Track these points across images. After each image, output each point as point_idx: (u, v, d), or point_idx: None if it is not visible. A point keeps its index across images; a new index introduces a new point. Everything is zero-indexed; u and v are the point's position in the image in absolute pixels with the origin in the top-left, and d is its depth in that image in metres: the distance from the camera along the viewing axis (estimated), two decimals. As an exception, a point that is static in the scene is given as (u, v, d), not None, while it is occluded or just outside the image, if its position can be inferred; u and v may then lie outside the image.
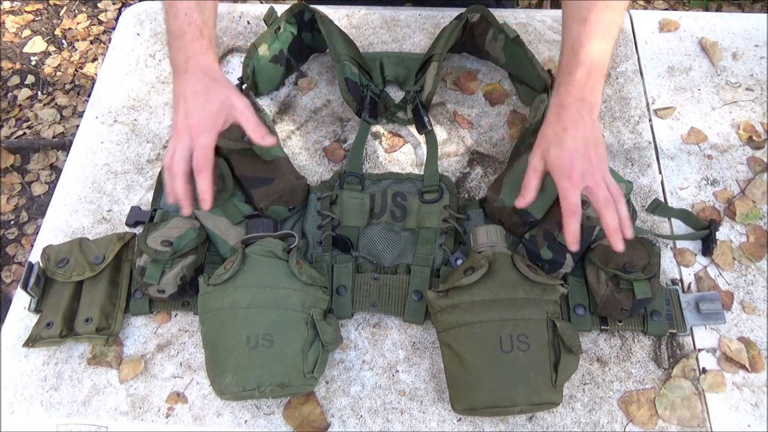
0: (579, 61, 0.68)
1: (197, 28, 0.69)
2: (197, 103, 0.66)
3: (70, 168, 0.92)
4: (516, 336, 0.65)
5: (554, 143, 0.67)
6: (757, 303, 0.77)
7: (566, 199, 0.65)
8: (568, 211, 0.65)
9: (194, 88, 0.67)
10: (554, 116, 0.69)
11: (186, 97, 0.67)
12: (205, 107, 0.66)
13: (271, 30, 0.91)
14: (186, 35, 0.68)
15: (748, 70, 0.97)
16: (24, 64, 2.14)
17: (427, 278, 0.78)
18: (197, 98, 0.66)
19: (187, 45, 0.68)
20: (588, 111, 0.68)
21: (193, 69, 0.68)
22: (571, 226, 0.65)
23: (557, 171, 0.66)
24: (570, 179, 0.65)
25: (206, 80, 0.67)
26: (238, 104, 0.69)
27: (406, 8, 1.08)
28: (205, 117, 0.66)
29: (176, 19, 0.69)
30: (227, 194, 0.81)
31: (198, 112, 0.66)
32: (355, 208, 0.83)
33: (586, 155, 0.65)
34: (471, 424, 0.71)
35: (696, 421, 0.69)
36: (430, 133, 0.90)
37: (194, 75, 0.68)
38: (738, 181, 0.87)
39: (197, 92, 0.67)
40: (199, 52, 0.68)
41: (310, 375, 0.68)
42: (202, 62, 0.68)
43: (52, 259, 0.77)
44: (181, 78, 0.68)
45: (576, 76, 0.68)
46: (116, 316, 0.76)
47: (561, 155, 0.66)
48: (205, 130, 0.66)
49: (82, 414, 0.73)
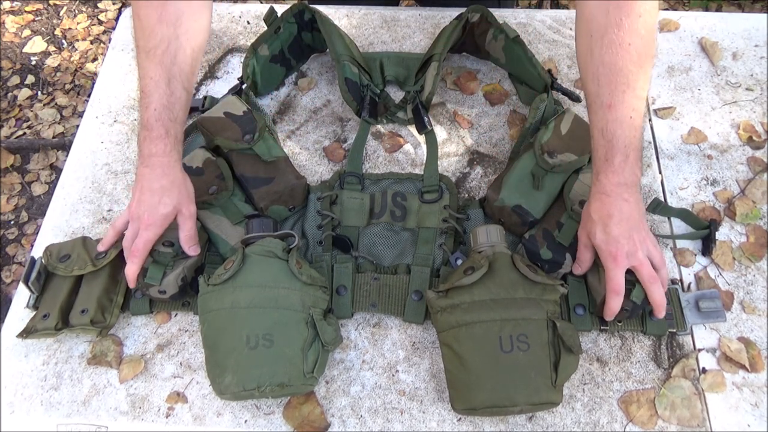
0: (613, 148, 0.68)
1: (164, 126, 0.72)
2: (152, 202, 0.72)
3: (70, 168, 0.92)
4: (516, 336, 0.65)
5: (599, 228, 0.69)
6: (757, 303, 0.77)
7: (612, 280, 0.69)
8: (612, 291, 0.69)
9: (152, 185, 0.72)
10: (598, 202, 0.70)
11: (143, 190, 0.73)
12: (158, 208, 0.72)
13: (271, 30, 0.91)
14: (153, 131, 0.72)
15: (748, 70, 0.97)
16: (24, 64, 2.14)
17: (427, 278, 0.78)
18: (153, 197, 0.72)
19: (153, 141, 0.73)
20: (631, 193, 0.69)
21: (155, 165, 0.73)
22: (613, 304, 0.69)
23: (603, 253, 0.70)
24: (615, 261, 0.68)
25: (164, 181, 0.73)
26: (185, 212, 0.75)
27: (406, 8, 1.08)
28: (155, 216, 0.72)
29: (146, 111, 0.73)
30: (227, 194, 0.81)
31: (150, 209, 0.72)
32: (355, 208, 0.83)
33: (631, 238, 0.68)
34: (471, 424, 0.71)
35: (696, 421, 0.69)
36: (430, 133, 0.90)
37: (155, 172, 0.73)
38: (738, 181, 0.87)
39: (154, 191, 0.72)
40: (161, 153, 0.73)
41: (310, 375, 0.68)
42: (164, 162, 0.73)
43: (54, 255, 0.77)
44: (144, 170, 0.73)
45: (614, 164, 0.69)
46: (112, 311, 0.76)
47: (607, 240, 0.69)
48: (152, 226, 0.72)
49: (82, 414, 0.73)
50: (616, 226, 0.68)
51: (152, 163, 0.73)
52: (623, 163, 0.68)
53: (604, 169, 0.70)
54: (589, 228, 0.71)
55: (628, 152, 0.68)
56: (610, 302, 0.69)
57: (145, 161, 0.73)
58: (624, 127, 0.68)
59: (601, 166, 0.70)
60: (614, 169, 0.69)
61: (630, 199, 0.69)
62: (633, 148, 0.69)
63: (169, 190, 0.73)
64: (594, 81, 0.70)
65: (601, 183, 0.70)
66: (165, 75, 0.73)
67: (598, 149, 0.70)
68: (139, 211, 0.72)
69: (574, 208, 0.76)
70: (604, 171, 0.70)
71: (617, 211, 0.69)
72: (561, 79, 0.97)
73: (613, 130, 0.68)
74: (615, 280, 0.68)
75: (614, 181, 0.69)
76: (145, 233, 0.72)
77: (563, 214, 0.77)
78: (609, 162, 0.69)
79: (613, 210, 0.69)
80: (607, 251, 0.69)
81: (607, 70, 0.68)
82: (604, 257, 0.70)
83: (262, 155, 0.82)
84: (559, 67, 0.99)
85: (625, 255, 0.68)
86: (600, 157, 0.70)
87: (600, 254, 0.70)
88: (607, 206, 0.69)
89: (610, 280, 0.69)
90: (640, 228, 0.70)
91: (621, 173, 0.69)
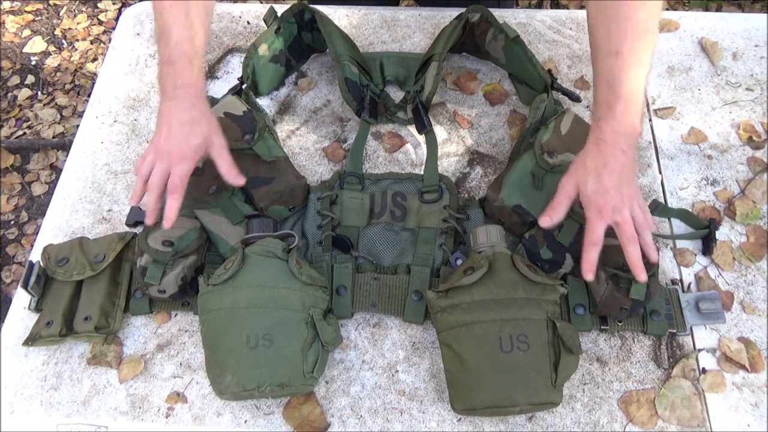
0: (617, 96, 0.68)
1: (187, 58, 0.71)
2: (183, 134, 0.70)
3: (70, 168, 0.92)
4: (516, 336, 0.65)
5: (592, 176, 0.68)
6: (757, 303, 0.77)
7: (592, 232, 0.68)
8: (590, 242, 0.68)
9: (181, 117, 0.70)
10: (594, 149, 0.69)
11: (171, 124, 0.70)
12: (189, 140, 0.70)
13: (271, 30, 0.91)
14: (176, 63, 0.71)
15: (748, 70, 0.97)
16: (24, 64, 2.14)
17: (427, 278, 0.78)
18: (183, 129, 0.70)
19: (177, 73, 0.71)
20: (629, 144, 0.69)
21: (182, 97, 0.71)
22: (591, 255, 0.68)
23: (590, 204, 0.68)
24: (601, 214, 0.67)
25: (194, 112, 0.71)
26: (218, 143, 0.74)
27: (406, 8, 1.08)
28: (187, 148, 0.70)
29: (167, 46, 0.71)
30: (227, 194, 0.81)
31: (181, 142, 0.70)
32: (355, 208, 0.83)
33: (620, 193, 0.67)
34: (471, 424, 0.71)
35: (696, 421, 0.69)
36: (430, 133, 0.90)
37: (183, 104, 0.71)
38: (738, 181, 0.87)
39: (183, 123, 0.70)
40: (188, 83, 0.71)
41: (310, 375, 0.68)
42: (191, 93, 0.71)
43: (53, 258, 0.77)
44: (169, 103, 0.71)
45: (616, 111, 0.68)
46: (115, 315, 0.76)
47: (597, 191, 0.67)
48: (185, 159, 0.70)
49: (82, 414, 0.73)
50: (609, 177, 0.67)
51: (179, 95, 0.71)
52: (625, 112, 0.68)
53: (605, 115, 0.69)
54: (581, 176, 0.70)
55: (630, 102, 0.68)
56: (587, 253, 0.68)
57: (170, 95, 0.71)
58: (630, 77, 0.68)
59: (602, 113, 0.69)
60: (615, 116, 0.68)
61: (627, 151, 0.68)
62: (636, 101, 0.69)
63: (199, 121, 0.71)
64: (604, 28, 0.69)
65: (601, 130, 0.69)
66: (183, 9, 0.72)
67: (600, 98, 0.70)
68: (168, 147, 0.70)
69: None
70: (605, 118, 0.69)
71: (613, 160, 0.68)
72: (561, 79, 0.97)
73: (618, 78, 0.68)
74: (596, 233, 0.67)
75: (615, 128, 0.68)
76: (178, 168, 0.69)
77: (563, 214, 0.77)
78: (611, 109, 0.68)
79: (609, 159, 0.68)
80: (594, 202, 0.68)
81: (619, 19, 0.68)
82: (589, 208, 0.69)
83: (262, 155, 0.82)
84: (559, 67, 0.99)
85: (611, 209, 0.67)
86: (602, 105, 0.69)
87: (585, 204, 0.69)
88: (604, 154, 0.68)
89: (590, 231, 0.68)
90: (631, 184, 0.69)
91: (622, 122, 0.68)
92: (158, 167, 0.70)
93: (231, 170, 0.75)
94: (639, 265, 0.67)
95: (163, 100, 0.72)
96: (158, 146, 0.70)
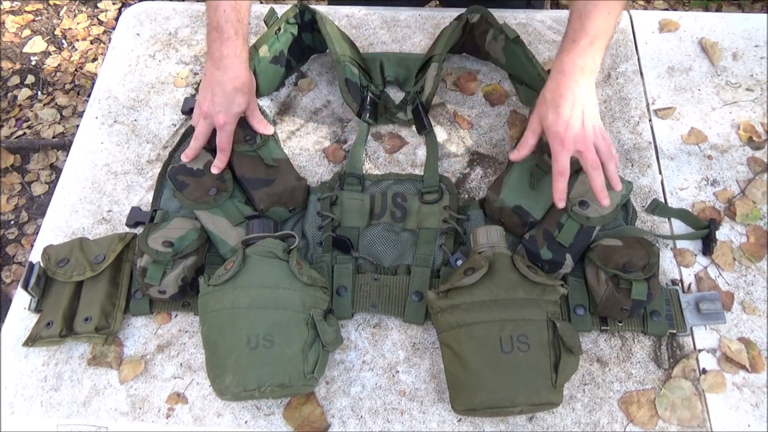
0: (584, 31, 0.72)
1: (233, 27, 0.78)
2: (226, 103, 0.79)
3: (70, 168, 0.92)
4: (516, 336, 0.65)
5: (551, 108, 0.72)
6: (757, 303, 0.77)
7: (557, 162, 0.72)
8: (557, 173, 0.72)
9: (225, 88, 0.79)
10: (554, 82, 0.73)
11: (216, 92, 0.79)
12: (231, 108, 0.80)
13: (272, 31, 0.91)
14: (223, 32, 0.78)
15: (748, 70, 0.97)
16: (24, 64, 2.14)
17: (427, 279, 0.78)
18: (226, 98, 0.79)
19: (223, 43, 0.78)
20: (586, 77, 0.72)
21: (227, 68, 0.79)
22: (559, 185, 0.73)
23: (552, 135, 0.72)
24: (563, 144, 0.71)
25: (237, 83, 0.79)
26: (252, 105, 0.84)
27: (406, 8, 1.08)
28: (230, 116, 0.80)
29: (216, 12, 0.78)
30: (226, 195, 0.81)
31: (225, 110, 0.79)
32: (356, 209, 0.83)
33: (581, 122, 0.71)
34: (471, 425, 0.71)
35: (696, 421, 0.69)
36: (430, 133, 0.90)
37: (227, 74, 0.79)
38: (738, 181, 0.87)
39: (227, 93, 0.79)
40: (232, 54, 0.79)
41: (311, 375, 0.68)
42: (235, 64, 0.79)
43: (53, 258, 0.77)
44: (215, 72, 0.79)
45: (579, 44, 0.72)
46: (116, 316, 0.76)
47: (556, 121, 0.71)
48: (228, 125, 0.80)
49: (82, 414, 0.73)
50: (567, 108, 0.71)
51: (224, 65, 0.79)
52: (587, 47, 0.72)
53: (567, 48, 0.73)
54: (542, 111, 0.74)
55: (595, 39, 0.72)
56: (556, 183, 0.72)
57: (216, 63, 0.79)
58: (601, 15, 0.72)
59: (565, 46, 0.74)
60: (577, 50, 0.72)
61: (583, 84, 0.72)
62: (600, 38, 0.72)
63: (241, 90, 0.80)
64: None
65: (562, 62, 0.73)
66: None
67: (568, 33, 0.74)
68: (212, 111, 0.79)
69: (575, 208, 0.76)
70: (566, 50, 0.73)
71: (570, 93, 0.71)
72: (561, 80, 0.97)
73: (589, 15, 0.72)
74: (561, 162, 0.72)
75: (574, 60, 0.72)
76: (223, 132, 0.80)
77: (563, 214, 0.77)
78: (575, 43, 0.72)
79: (566, 91, 0.71)
80: (555, 132, 0.71)
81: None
82: (551, 139, 0.72)
83: (265, 159, 0.82)
84: (559, 68, 0.99)
85: (572, 139, 0.70)
86: (568, 39, 0.74)
87: (548, 136, 0.73)
88: (561, 87, 0.72)
89: (556, 161, 0.72)
90: (594, 117, 0.72)
91: (582, 56, 0.72)
92: (204, 124, 0.81)
93: (261, 123, 0.84)
94: (603, 191, 0.72)
95: (209, 65, 0.80)
96: (204, 109, 0.81)
